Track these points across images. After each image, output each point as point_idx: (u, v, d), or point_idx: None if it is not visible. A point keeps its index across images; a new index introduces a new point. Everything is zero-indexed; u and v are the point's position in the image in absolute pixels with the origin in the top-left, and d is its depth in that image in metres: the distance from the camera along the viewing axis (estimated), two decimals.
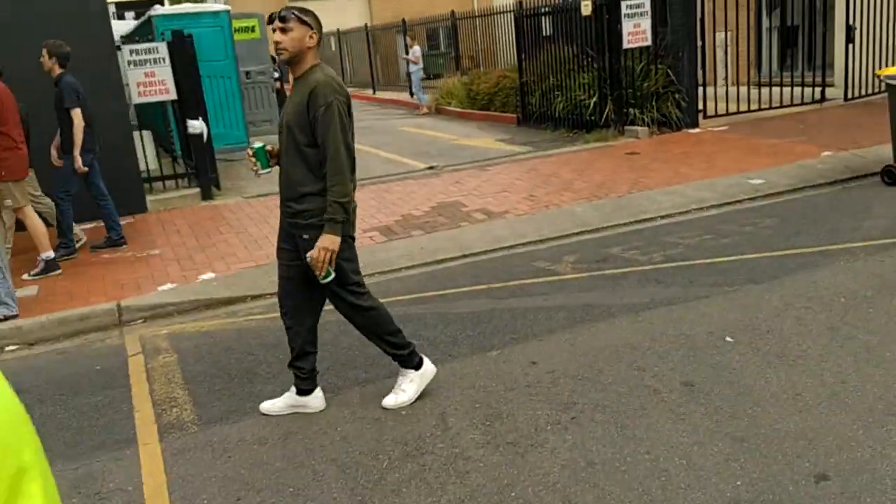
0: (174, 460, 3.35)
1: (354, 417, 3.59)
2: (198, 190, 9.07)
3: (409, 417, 3.54)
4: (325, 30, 22.12)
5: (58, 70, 6.80)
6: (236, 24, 13.12)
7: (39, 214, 7.02)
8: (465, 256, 6.50)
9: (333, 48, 27.53)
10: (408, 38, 18.11)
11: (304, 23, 3.34)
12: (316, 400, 3.70)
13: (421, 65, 17.56)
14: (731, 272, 5.22)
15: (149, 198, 8.73)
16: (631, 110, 10.96)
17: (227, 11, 11.96)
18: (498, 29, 16.25)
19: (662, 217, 7.03)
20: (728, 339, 4.10)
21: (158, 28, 11.51)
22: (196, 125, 8.91)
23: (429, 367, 3.77)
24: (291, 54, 3.36)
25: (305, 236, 3.38)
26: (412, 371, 3.72)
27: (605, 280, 5.33)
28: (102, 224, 7.52)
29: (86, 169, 6.86)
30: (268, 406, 3.73)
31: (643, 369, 3.80)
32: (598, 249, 6.16)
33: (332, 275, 3.40)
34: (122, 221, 8.36)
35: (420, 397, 3.72)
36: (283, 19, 3.33)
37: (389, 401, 3.69)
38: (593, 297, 5.00)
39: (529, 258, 6.15)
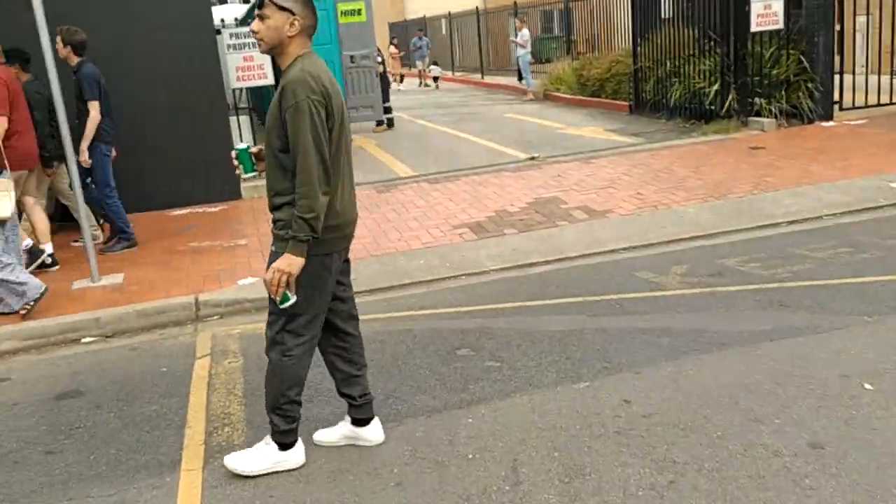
0: (212, 494, 3.02)
1: (414, 457, 3.15)
2: None
3: (475, 462, 3.07)
4: (435, 13, 22.05)
5: (75, 58, 6.56)
6: (342, 6, 12.92)
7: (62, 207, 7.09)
8: (559, 260, 5.95)
9: (444, 31, 27.17)
10: (517, 21, 17.46)
11: (282, 8, 2.87)
12: (372, 432, 3.29)
13: (529, 49, 16.91)
14: (873, 297, 4.44)
15: (243, 185, 8.60)
16: (756, 100, 9.99)
17: None
18: (614, 11, 15.38)
19: (789, 223, 6.23)
20: (867, 385, 3.40)
21: None
22: None
23: (296, 457, 3.16)
24: (269, 45, 2.92)
25: (273, 248, 2.93)
26: (275, 448, 3.13)
27: (718, 299, 4.66)
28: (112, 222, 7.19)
29: (89, 162, 6.63)
30: (321, 436, 3.35)
31: (761, 421, 3.17)
32: (711, 260, 5.47)
33: (292, 299, 2.91)
34: (216, 208, 8.27)
35: (493, 434, 3.24)
36: (259, 4, 2.89)
37: (232, 460, 3.16)
38: (703, 320, 4.35)
39: (631, 266, 5.53)
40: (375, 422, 3.31)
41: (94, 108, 6.52)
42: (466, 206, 7.47)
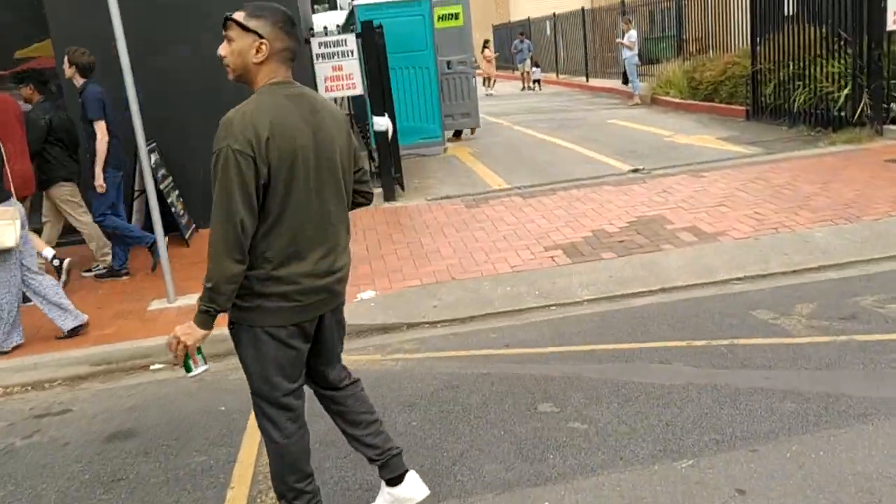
0: None
1: None
2: (380, 190, 8.53)
3: None
4: (541, 14, 21.14)
5: (80, 79, 6.34)
6: (439, 11, 12.54)
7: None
8: (662, 291, 5.31)
9: (548, 33, 26.47)
10: (623, 22, 16.63)
11: (247, 30, 2.42)
12: (410, 489, 2.79)
13: (636, 51, 16.04)
14: None
15: None
16: (893, 105, 8.90)
17: (430, 1, 11.38)
18: (731, 9, 14.33)
19: None
20: None
21: (360, 18, 11.19)
22: (381, 122, 8.36)
23: None
24: (235, 73, 2.48)
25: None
26: None
27: (854, 352, 3.92)
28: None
29: (104, 187, 6.34)
30: None
31: None
32: (843, 298, 4.69)
33: (196, 371, 2.52)
34: None
35: None
36: (223, 24, 2.45)
37: None
38: (837, 380, 3.63)
39: (747, 303, 4.82)
40: (411, 476, 2.81)
41: (101, 129, 6.27)
42: (561, 225, 6.89)
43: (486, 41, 23.79)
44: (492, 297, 5.49)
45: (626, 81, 18.24)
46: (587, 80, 22.42)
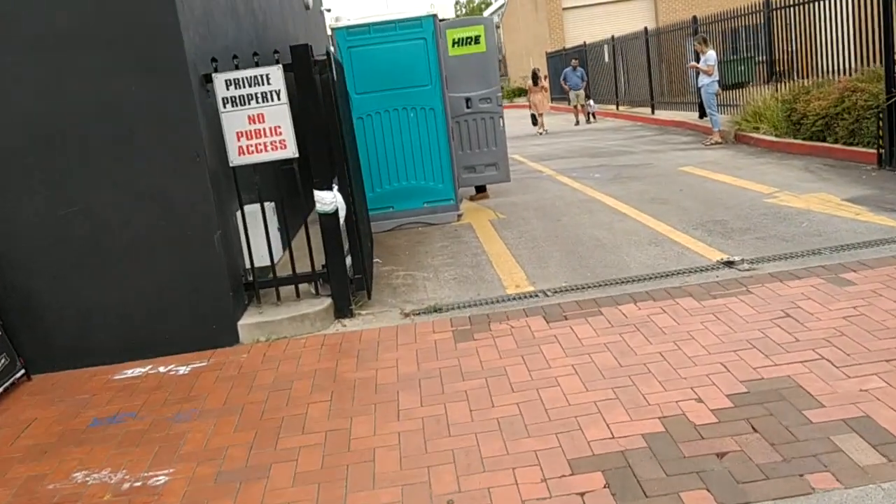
0: None
1: None
2: (330, 302, 5.56)
3: None
4: (597, 38, 17.53)
5: None
6: (454, 33, 9.62)
7: None
8: None
9: (607, 59, 23.32)
10: (697, 42, 13.39)
11: None
12: None
13: (716, 76, 12.77)
14: None
15: (251, 318, 5.39)
16: None
17: (433, 17, 8.48)
18: (843, 17, 10.98)
19: None
20: None
21: (342, 44, 8.36)
22: (326, 199, 5.41)
23: None
24: None
25: None
26: None
27: None
28: None
29: None
30: None
31: None
32: None
33: None
34: (187, 367, 5.12)
35: None
36: None
37: None
38: None
39: None
40: None
41: None
42: (603, 397, 3.79)
43: (537, 70, 20.67)
44: None
45: (703, 114, 14.98)
46: (653, 113, 19.16)
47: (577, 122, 20.48)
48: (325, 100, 5.44)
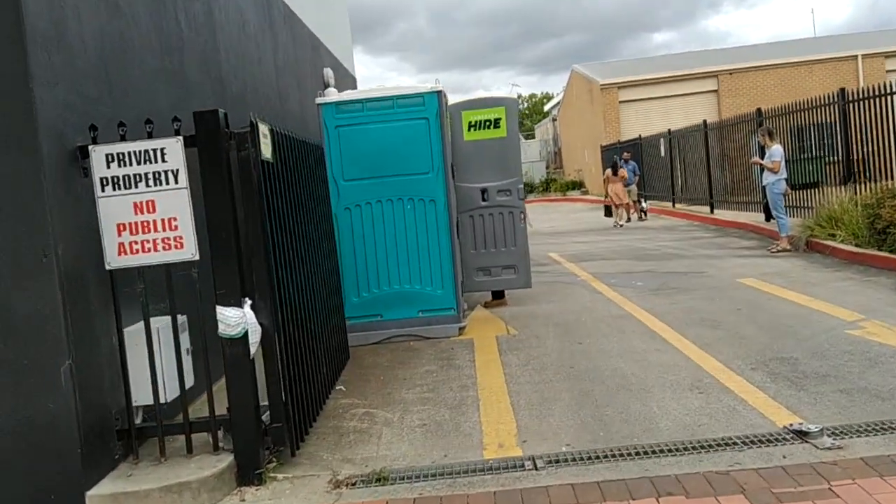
0: None
1: None
2: (231, 460, 4.01)
3: None
4: (654, 131, 15.68)
5: None
6: (470, 115, 8.32)
7: None
8: None
9: (663, 153, 21.85)
10: (761, 135, 11.81)
11: None
12: None
13: (783, 174, 11.10)
14: None
15: (109, 486, 3.86)
16: None
17: (438, 94, 7.16)
18: None
19: None
20: None
21: (328, 122, 7.10)
22: (233, 317, 3.93)
23: None
24: None
25: None
26: None
27: None
28: None
29: None
30: None
31: None
32: None
33: None
34: None
35: None
36: None
37: None
38: None
39: None
40: None
41: None
42: None
43: (616, 159, 19.15)
44: None
45: (768, 216, 13.27)
46: (712, 212, 17.47)
47: (628, 219, 18.88)
48: (243, 184, 4.05)
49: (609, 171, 18.64)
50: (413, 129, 7.11)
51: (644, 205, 18.90)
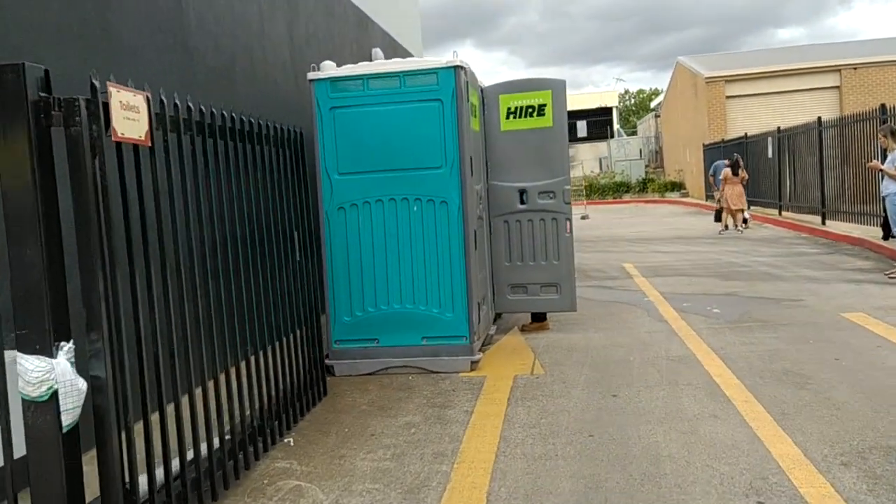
0: None
1: None
2: None
3: None
4: (762, 129, 13.20)
5: None
6: (509, 100, 6.89)
7: None
8: None
9: (770, 154, 19.54)
10: (882, 136, 9.74)
11: None
12: None
13: None
14: None
15: None
16: None
17: (455, 70, 5.74)
18: None
19: None
20: None
21: (322, 103, 5.84)
22: (32, 371, 2.69)
23: None
24: None
25: None
26: None
27: None
28: None
29: None
30: None
31: None
32: None
33: None
34: None
35: None
36: None
37: None
38: None
39: None
40: None
41: None
42: None
43: (738, 158, 17.06)
44: None
45: (887, 233, 11.15)
46: (823, 223, 15.23)
47: (726, 227, 16.81)
48: (72, 174, 2.81)
49: (728, 170, 16.51)
50: (423, 113, 5.74)
51: (746, 213, 16.77)
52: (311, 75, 5.87)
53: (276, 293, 4.57)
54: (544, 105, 6.88)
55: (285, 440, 4.50)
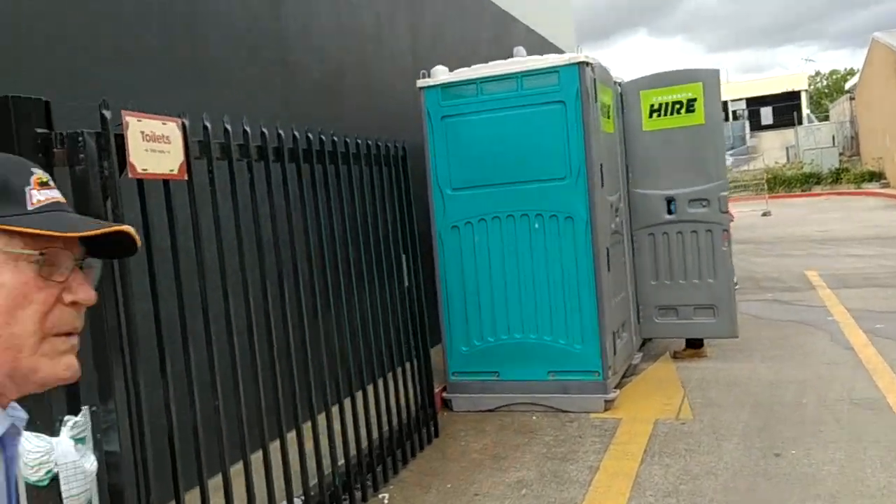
0: None
1: None
2: None
3: None
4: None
5: None
6: (651, 96, 6.03)
7: None
8: None
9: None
10: None
11: None
12: None
13: None
14: None
15: None
16: None
17: (579, 67, 4.93)
18: None
19: None
20: None
21: (433, 113, 5.32)
22: (31, 452, 2.35)
23: None
24: None
25: None
26: None
27: None
28: None
29: None
30: None
31: None
32: None
33: None
34: None
35: None
36: None
37: None
38: None
39: None
40: None
41: None
42: None
43: None
44: None
45: None
46: None
47: None
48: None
49: None
50: (544, 118, 5.05)
51: None
52: (420, 82, 5.36)
53: (378, 325, 4.10)
54: (694, 100, 5.94)
55: (380, 496, 4.01)
